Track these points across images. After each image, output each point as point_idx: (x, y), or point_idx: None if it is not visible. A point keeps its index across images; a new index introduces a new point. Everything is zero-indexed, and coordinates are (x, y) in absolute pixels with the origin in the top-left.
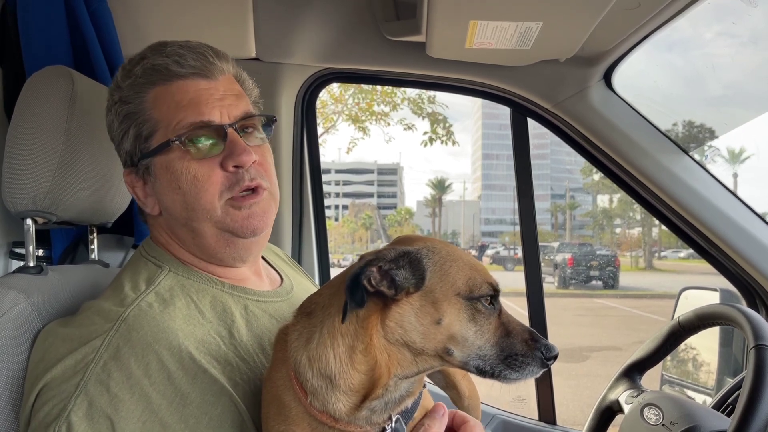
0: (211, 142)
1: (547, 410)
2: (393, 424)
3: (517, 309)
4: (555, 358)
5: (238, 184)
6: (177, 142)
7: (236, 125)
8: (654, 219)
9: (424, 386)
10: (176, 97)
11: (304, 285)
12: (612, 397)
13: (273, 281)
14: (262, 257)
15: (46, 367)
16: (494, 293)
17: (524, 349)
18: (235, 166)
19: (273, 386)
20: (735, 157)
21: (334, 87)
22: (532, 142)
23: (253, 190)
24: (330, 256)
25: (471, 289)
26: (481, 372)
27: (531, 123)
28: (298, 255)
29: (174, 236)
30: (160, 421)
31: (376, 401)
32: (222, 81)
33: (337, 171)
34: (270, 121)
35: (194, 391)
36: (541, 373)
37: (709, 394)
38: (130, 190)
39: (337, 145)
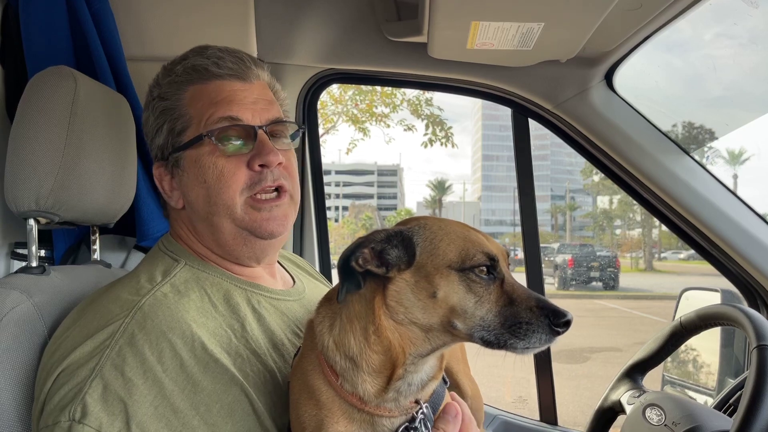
0: (240, 141)
1: (548, 411)
2: (425, 411)
3: None
4: (567, 324)
5: (260, 183)
6: (209, 137)
7: (266, 128)
8: (654, 220)
9: (446, 383)
10: (211, 95)
11: (321, 290)
12: (614, 397)
13: (286, 283)
14: (278, 262)
15: (63, 355)
16: (490, 262)
17: (529, 317)
18: (261, 165)
19: (303, 373)
20: (735, 158)
21: (334, 88)
22: (532, 143)
23: (277, 192)
24: (331, 257)
25: (463, 260)
26: (488, 343)
27: (532, 123)
28: (300, 255)
29: (193, 231)
30: (171, 407)
31: (399, 382)
32: (256, 86)
33: (337, 172)
34: (297, 130)
35: (206, 379)
36: (553, 340)
37: (710, 395)
38: (157, 183)
39: (337, 146)
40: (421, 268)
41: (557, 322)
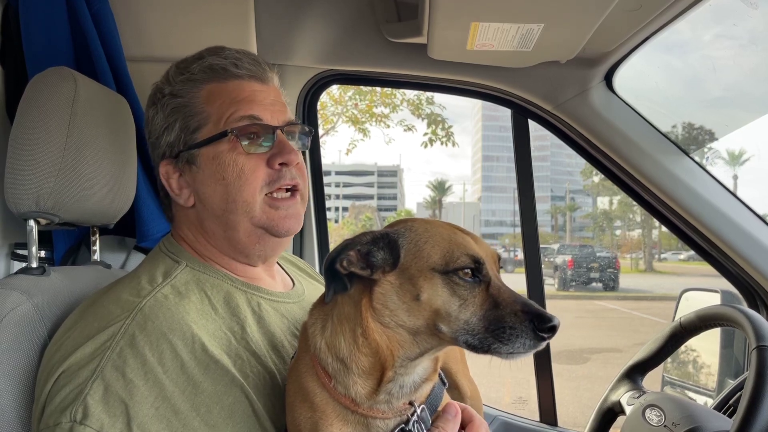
0: (262, 139)
1: (548, 411)
2: (419, 413)
3: None
4: (552, 330)
5: (278, 181)
6: (232, 134)
7: (284, 128)
8: (654, 221)
9: (445, 384)
10: (232, 94)
11: (321, 292)
12: (613, 398)
13: (286, 285)
14: (277, 263)
15: (64, 356)
16: (475, 265)
17: (513, 321)
18: (280, 164)
19: (297, 375)
20: (735, 159)
21: (334, 89)
22: (532, 143)
23: (290, 192)
24: None
25: (447, 262)
26: (472, 347)
27: (532, 124)
28: (299, 257)
29: (201, 230)
30: (172, 408)
31: (390, 384)
32: (272, 88)
33: (337, 173)
34: (308, 132)
35: (206, 381)
36: (539, 345)
37: (710, 396)
38: (163, 181)
39: (336, 147)
40: (405, 270)
41: (542, 327)
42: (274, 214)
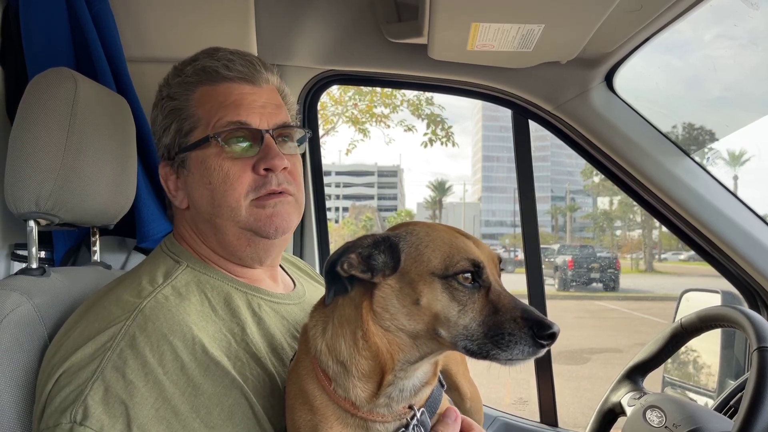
0: (247, 144)
1: (548, 412)
2: (419, 416)
3: None
4: (551, 337)
5: (264, 186)
6: (215, 139)
7: (273, 132)
8: (654, 221)
9: (443, 386)
10: (220, 98)
11: (322, 293)
12: (614, 399)
13: (286, 286)
14: (280, 266)
15: (64, 356)
16: (474, 269)
17: (512, 327)
18: (265, 169)
19: (297, 377)
20: (735, 159)
21: (334, 89)
22: (532, 144)
23: (279, 193)
24: None
25: (446, 266)
26: (471, 352)
27: (532, 125)
28: (300, 257)
29: (197, 231)
30: (172, 409)
31: (390, 387)
32: (265, 90)
33: (338, 173)
34: (305, 135)
35: (206, 382)
36: (538, 352)
37: (710, 397)
38: (162, 183)
39: (337, 147)
40: (406, 274)
41: (541, 334)
42: (260, 213)
